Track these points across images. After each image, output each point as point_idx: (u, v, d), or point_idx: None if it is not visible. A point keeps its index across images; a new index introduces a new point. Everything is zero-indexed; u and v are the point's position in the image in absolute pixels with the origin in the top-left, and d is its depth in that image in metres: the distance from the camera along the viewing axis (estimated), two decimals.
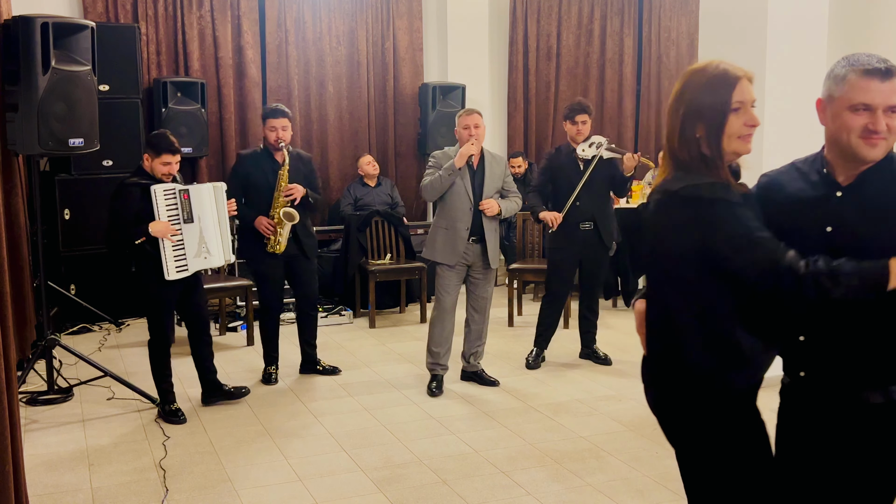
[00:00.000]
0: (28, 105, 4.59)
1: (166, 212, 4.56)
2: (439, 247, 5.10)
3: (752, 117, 2.13)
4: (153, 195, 4.52)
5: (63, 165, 6.57)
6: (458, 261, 5.08)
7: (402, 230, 7.26)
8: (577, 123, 5.57)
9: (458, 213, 5.04)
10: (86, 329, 6.58)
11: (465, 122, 5.07)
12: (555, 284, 5.76)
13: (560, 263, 5.71)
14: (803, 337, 2.17)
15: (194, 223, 4.67)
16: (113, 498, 3.77)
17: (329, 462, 4.15)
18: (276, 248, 5.19)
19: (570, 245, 5.63)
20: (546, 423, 4.66)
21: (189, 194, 4.66)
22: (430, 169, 5.09)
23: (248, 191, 5.22)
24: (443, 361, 5.20)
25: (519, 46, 8.89)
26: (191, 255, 4.64)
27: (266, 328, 5.39)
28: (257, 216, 5.17)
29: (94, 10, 7.05)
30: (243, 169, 5.24)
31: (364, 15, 8.15)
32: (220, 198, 4.85)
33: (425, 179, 5.06)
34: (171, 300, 4.70)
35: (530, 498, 3.75)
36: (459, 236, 5.05)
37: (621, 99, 9.33)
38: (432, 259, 5.16)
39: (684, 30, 9.51)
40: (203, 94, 7.11)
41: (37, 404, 4.93)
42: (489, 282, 5.26)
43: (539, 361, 5.73)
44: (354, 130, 8.23)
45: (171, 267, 4.55)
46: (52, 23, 4.67)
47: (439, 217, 5.13)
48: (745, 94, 2.12)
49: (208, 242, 4.74)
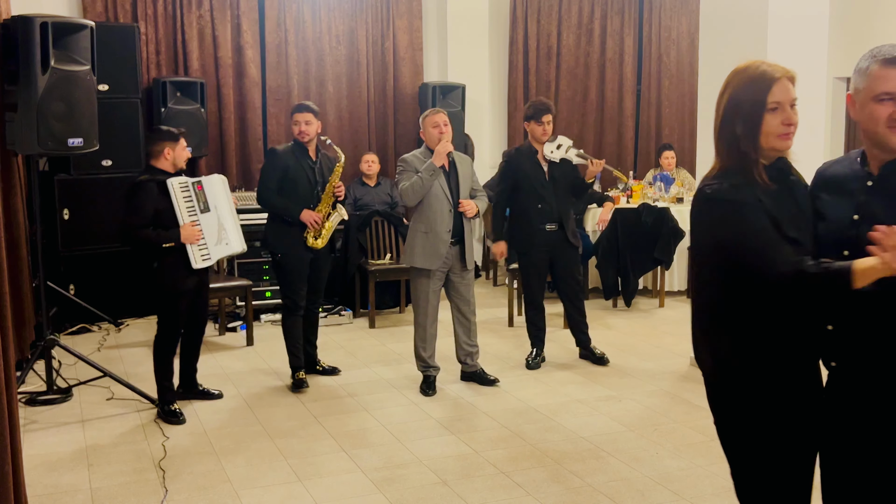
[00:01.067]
0: (27, 105, 4.59)
1: (184, 203, 4.67)
2: (419, 251, 5.04)
3: (789, 116, 2.20)
4: (171, 189, 4.62)
5: (62, 165, 6.56)
6: (440, 264, 5.04)
7: (402, 230, 7.25)
8: (544, 124, 5.52)
9: (438, 216, 5.01)
10: (85, 329, 6.58)
11: (435, 120, 5.06)
12: (529, 288, 5.71)
13: (530, 267, 5.68)
14: (831, 326, 2.20)
15: (211, 212, 4.81)
16: (113, 498, 3.76)
17: (329, 462, 4.14)
18: (316, 242, 5.18)
19: (537, 247, 5.60)
20: (546, 423, 4.65)
21: (202, 185, 4.82)
22: (402, 174, 5.04)
23: (284, 184, 5.13)
24: (433, 363, 5.20)
25: (519, 46, 8.89)
26: (212, 243, 4.78)
27: (295, 326, 5.27)
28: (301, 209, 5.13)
29: (94, 9, 7.04)
30: (281, 163, 5.14)
31: (364, 15, 8.15)
32: (227, 189, 4.99)
33: (404, 184, 5.00)
34: (187, 295, 4.76)
35: (530, 498, 3.75)
36: (441, 239, 5.01)
37: (621, 99, 9.32)
38: (412, 265, 5.08)
39: (685, 29, 9.50)
40: (203, 93, 7.10)
41: (36, 404, 4.92)
42: (471, 282, 5.25)
43: (539, 361, 5.72)
44: (354, 130, 8.22)
45: (196, 256, 4.68)
46: (52, 22, 4.67)
47: (417, 221, 5.08)
48: (783, 94, 2.20)
49: (227, 229, 4.86)
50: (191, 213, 4.70)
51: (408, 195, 5.01)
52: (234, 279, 6.54)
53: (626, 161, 9.22)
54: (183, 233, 4.61)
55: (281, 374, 5.50)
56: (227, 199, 4.94)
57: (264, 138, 7.86)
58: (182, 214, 4.65)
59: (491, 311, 7.25)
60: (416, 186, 4.95)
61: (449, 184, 5.05)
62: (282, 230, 5.17)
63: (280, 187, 5.12)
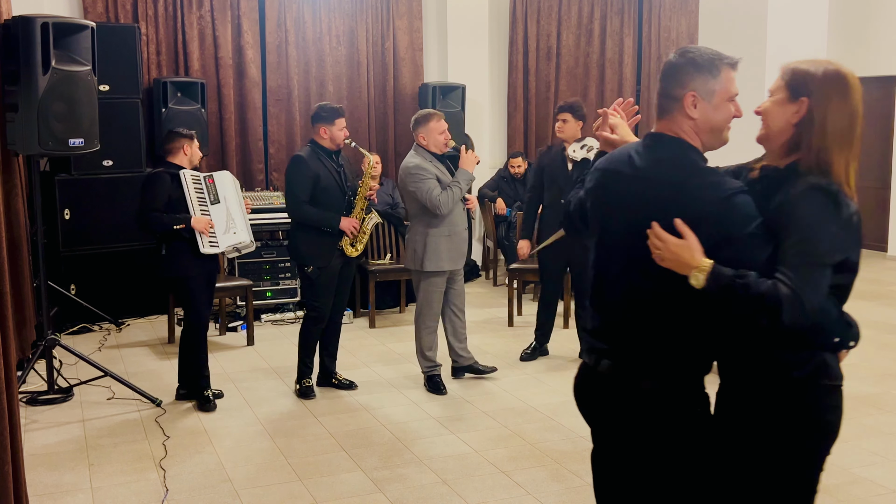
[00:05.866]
0: (28, 105, 4.59)
1: (196, 194, 4.85)
2: (445, 255, 5.07)
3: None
4: (183, 179, 4.82)
5: (63, 165, 6.57)
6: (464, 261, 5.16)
7: (402, 230, 7.26)
8: (559, 121, 5.62)
9: (458, 217, 5.10)
10: (86, 329, 6.58)
11: (442, 126, 5.06)
12: (545, 285, 5.95)
13: (548, 264, 5.85)
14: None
15: (220, 203, 4.99)
16: (113, 498, 3.77)
17: (329, 462, 4.15)
18: (352, 250, 5.05)
19: (556, 247, 5.67)
20: (546, 423, 4.66)
21: (214, 179, 5.04)
22: (427, 181, 4.95)
23: (316, 193, 4.94)
24: (437, 361, 5.26)
25: (519, 46, 8.89)
26: (220, 231, 4.92)
27: (314, 335, 5.09)
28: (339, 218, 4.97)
29: (94, 10, 7.05)
30: (311, 171, 4.92)
31: (364, 15, 8.16)
32: (237, 186, 5.18)
33: (441, 195, 4.94)
34: (201, 279, 4.85)
35: (530, 498, 3.75)
36: (462, 238, 5.14)
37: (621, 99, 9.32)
38: (440, 269, 5.07)
39: (684, 30, 9.51)
40: (203, 94, 7.11)
41: (37, 404, 4.93)
42: (462, 276, 5.33)
43: (535, 354, 5.83)
44: (354, 130, 8.21)
45: (205, 241, 4.81)
46: (52, 23, 4.67)
47: (437, 226, 5.03)
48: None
49: (235, 220, 5.01)
50: (201, 204, 4.87)
51: (447, 204, 4.97)
52: (234, 279, 6.55)
53: None
54: (195, 221, 4.76)
55: (281, 374, 5.50)
56: (237, 194, 5.11)
57: (265, 139, 7.86)
58: (193, 204, 4.82)
59: (491, 311, 7.26)
60: (456, 196, 5.01)
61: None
62: (316, 241, 4.98)
63: (311, 196, 4.93)
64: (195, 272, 4.83)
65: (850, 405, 3.59)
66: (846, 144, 2.07)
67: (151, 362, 5.78)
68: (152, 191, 4.77)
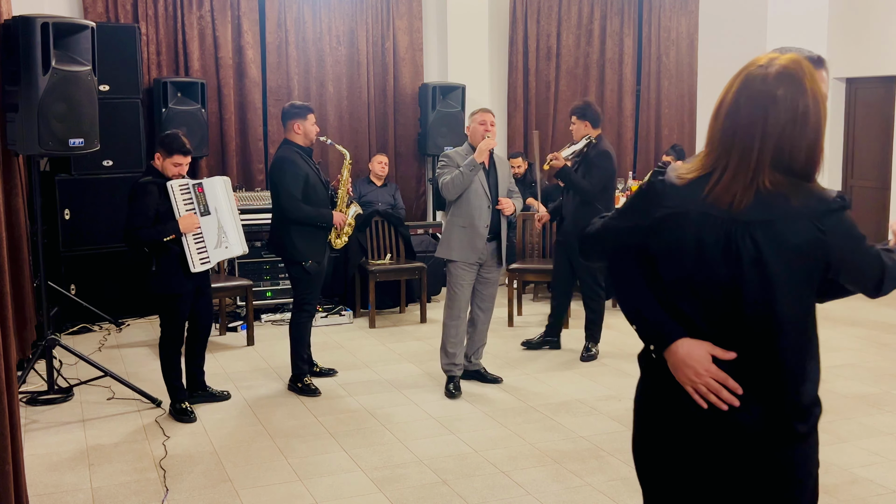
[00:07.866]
0: (28, 105, 4.59)
1: (184, 206, 4.66)
2: (456, 245, 5.12)
3: None
4: (170, 190, 4.62)
5: (63, 165, 6.57)
6: (477, 259, 5.13)
7: (402, 230, 7.26)
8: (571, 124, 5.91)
9: (477, 212, 5.09)
10: (86, 329, 6.58)
11: (483, 118, 5.18)
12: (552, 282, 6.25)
13: (555, 261, 6.14)
14: None
15: (211, 215, 4.78)
16: (113, 498, 3.77)
17: (329, 462, 4.15)
18: (338, 241, 5.29)
19: (558, 244, 6.08)
20: (546, 423, 4.66)
21: (203, 187, 4.79)
22: (444, 168, 5.12)
23: (307, 190, 5.10)
24: (458, 361, 5.22)
25: (519, 46, 8.89)
26: (211, 246, 4.76)
27: (307, 329, 5.26)
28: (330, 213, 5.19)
29: (94, 10, 7.05)
30: (301, 171, 5.10)
31: (364, 15, 8.16)
32: (229, 191, 4.98)
33: (445, 177, 5.06)
34: (188, 297, 4.76)
35: (530, 498, 3.75)
36: (479, 234, 5.10)
37: (621, 99, 9.32)
38: (448, 258, 5.16)
39: (684, 30, 9.51)
40: (203, 94, 7.10)
41: (37, 404, 4.93)
42: (497, 281, 5.33)
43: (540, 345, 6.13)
44: (354, 130, 8.23)
45: (195, 259, 4.65)
46: (53, 23, 4.68)
47: (455, 216, 5.13)
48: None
49: (227, 233, 4.84)
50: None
51: (448, 189, 5.06)
52: (234, 279, 6.55)
53: (625, 162, 9.23)
54: (181, 223, 4.59)
55: (281, 374, 5.50)
56: (229, 202, 4.92)
57: (265, 139, 7.86)
58: (180, 214, 4.63)
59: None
60: (456, 181, 5.02)
61: (488, 181, 5.14)
62: (311, 237, 5.14)
63: (303, 194, 5.09)
64: (186, 289, 4.71)
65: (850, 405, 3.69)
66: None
67: (151, 362, 5.77)
68: (138, 205, 4.58)
